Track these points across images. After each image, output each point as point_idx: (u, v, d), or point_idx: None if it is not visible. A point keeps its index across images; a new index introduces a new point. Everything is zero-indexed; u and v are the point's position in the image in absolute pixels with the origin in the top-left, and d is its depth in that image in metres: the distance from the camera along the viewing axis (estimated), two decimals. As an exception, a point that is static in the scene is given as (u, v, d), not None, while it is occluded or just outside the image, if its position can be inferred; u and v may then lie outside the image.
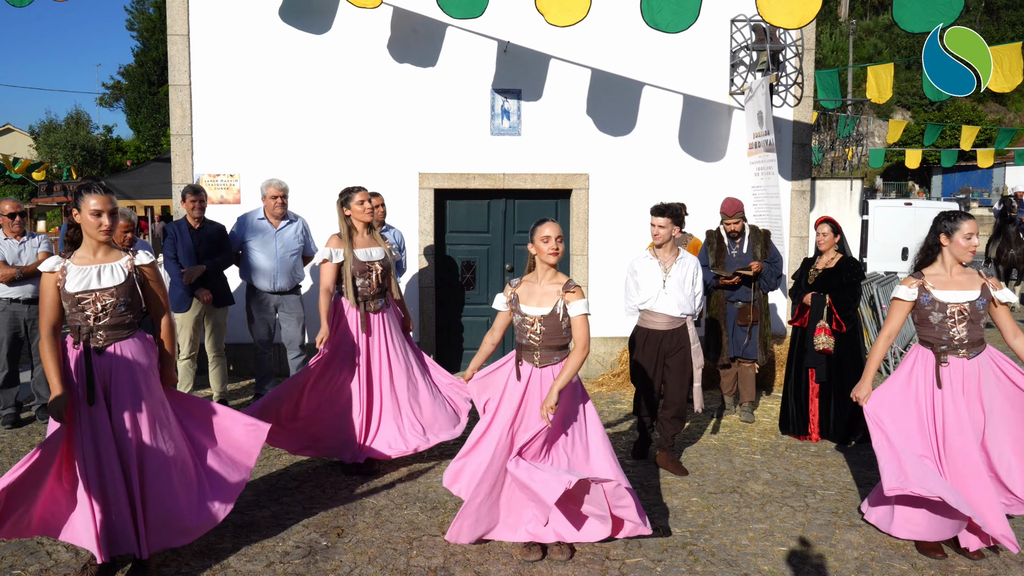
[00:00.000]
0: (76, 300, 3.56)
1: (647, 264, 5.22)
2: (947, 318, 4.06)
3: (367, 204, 5.07)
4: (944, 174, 36.56)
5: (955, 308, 4.04)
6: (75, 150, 32.36)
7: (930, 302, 4.09)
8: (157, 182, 14.57)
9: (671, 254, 5.21)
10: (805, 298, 6.00)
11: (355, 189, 5.10)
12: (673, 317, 5.16)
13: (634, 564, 3.97)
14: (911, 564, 4.00)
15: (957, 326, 4.05)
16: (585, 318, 3.95)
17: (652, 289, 5.16)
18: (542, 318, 3.96)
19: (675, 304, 5.13)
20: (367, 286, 5.05)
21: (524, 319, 4.02)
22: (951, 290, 4.07)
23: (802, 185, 8.11)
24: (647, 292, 5.18)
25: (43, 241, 6.25)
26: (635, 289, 5.28)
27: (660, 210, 5.16)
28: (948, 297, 4.06)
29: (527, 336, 4.02)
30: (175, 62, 7.59)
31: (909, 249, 12.64)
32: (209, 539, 4.14)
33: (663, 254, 5.22)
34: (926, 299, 4.10)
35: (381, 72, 7.71)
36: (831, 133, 16.44)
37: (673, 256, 5.21)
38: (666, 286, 5.13)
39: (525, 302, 4.03)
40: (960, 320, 4.05)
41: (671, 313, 5.14)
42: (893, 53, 36.13)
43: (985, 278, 4.12)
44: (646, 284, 5.19)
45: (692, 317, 5.24)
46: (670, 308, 5.14)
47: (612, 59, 7.81)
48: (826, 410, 5.98)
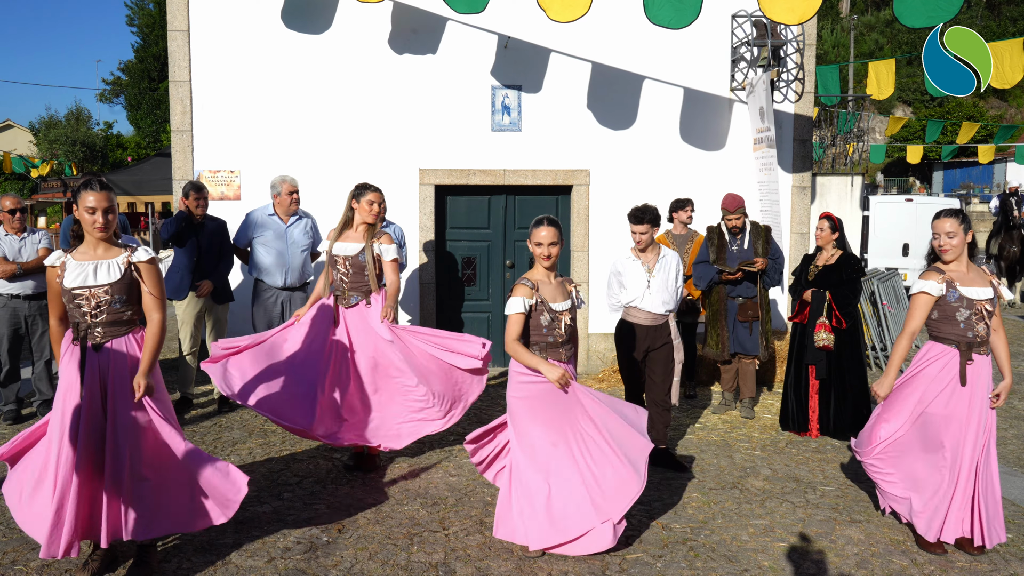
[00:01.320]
0: (72, 296, 3.57)
1: (631, 265, 5.30)
2: (974, 314, 4.02)
3: (374, 207, 5.02)
4: (945, 170, 36.53)
5: (980, 305, 4.02)
6: (75, 146, 32.35)
7: (957, 298, 4.02)
8: (158, 178, 14.55)
9: (653, 254, 5.29)
10: (805, 295, 6.00)
11: (371, 189, 5.03)
12: (657, 314, 5.26)
13: (634, 560, 3.98)
14: (911, 560, 4.01)
15: (981, 323, 4.03)
16: None
17: (637, 289, 5.25)
18: (568, 311, 4.09)
19: (660, 302, 5.23)
20: (337, 279, 5.07)
21: (556, 316, 4.04)
22: (975, 287, 4.04)
23: (802, 180, 8.11)
24: (633, 292, 5.27)
25: (44, 237, 6.25)
26: (619, 289, 5.37)
27: (639, 217, 5.13)
28: (974, 294, 4.02)
29: (554, 333, 4.04)
30: (175, 58, 7.58)
31: (910, 245, 12.64)
32: (210, 535, 4.15)
33: (646, 255, 5.29)
34: (953, 295, 4.03)
35: (382, 68, 7.70)
36: (832, 129, 16.42)
37: (655, 256, 5.28)
38: (651, 286, 5.23)
39: (552, 301, 4.04)
40: (981, 317, 4.03)
41: (656, 311, 5.24)
42: (894, 49, 36.08)
43: (990, 275, 4.12)
44: (631, 284, 5.27)
45: (673, 312, 5.34)
46: (655, 306, 5.23)
47: (613, 55, 7.80)
48: (826, 407, 5.99)
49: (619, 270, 5.36)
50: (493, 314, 8.22)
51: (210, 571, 3.80)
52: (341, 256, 5.02)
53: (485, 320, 8.22)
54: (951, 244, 4.01)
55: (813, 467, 5.40)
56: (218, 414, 6.43)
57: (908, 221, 12.75)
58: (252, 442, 5.77)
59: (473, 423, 6.27)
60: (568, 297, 4.13)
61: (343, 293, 5.04)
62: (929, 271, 4.12)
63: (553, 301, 4.05)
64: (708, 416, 6.61)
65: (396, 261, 5.07)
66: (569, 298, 4.13)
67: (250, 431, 6.02)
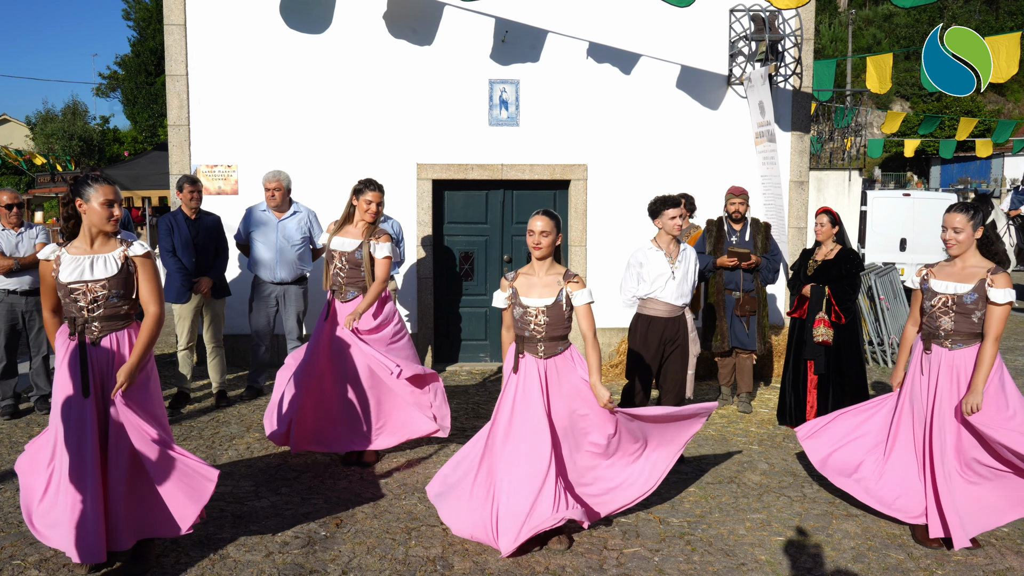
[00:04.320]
0: (69, 290, 3.55)
1: (654, 256, 5.27)
2: (938, 308, 4.11)
3: (371, 207, 5.01)
4: (943, 165, 36.51)
5: (941, 299, 4.09)
6: (72, 141, 32.26)
7: (926, 290, 4.19)
8: (154, 173, 14.50)
9: (676, 246, 5.30)
10: (804, 289, 6.00)
11: (372, 188, 5.02)
12: (675, 306, 5.25)
13: (632, 554, 3.99)
14: (907, 553, 4.02)
15: (945, 316, 4.08)
16: (589, 308, 4.01)
17: (660, 279, 5.23)
18: (545, 309, 3.99)
19: (679, 294, 5.25)
20: (332, 275, 5.07)
21: (526, 311, 4.01)
22: (950, 281, 4.08)
23: (800, 175, 8.10)
24: (653, 283, 5.24)
25: (40, 232, 6.24)
26: (635, 282, 5.32)
27: (675, 201, 5.24)
28: (940, 287, 4.11)
29: (530, 328, 4.02)
30: (172, 52, 7.55)
31: (907, 240, 12.65)
32: (208, 529, 4.16)
33: (669, 246, 5.28)
34: (924, 287, 4.21)
35: (379, 62, 7.69)
36: (830, 124, 16.41)
37: (678, 247, 5.30)
38: (675, 276, 5.23)
39: (525, 294, 4.03)
40: (947, 311, 4.07)
41: (675, 303, 5.24)
42: (892, 43, 36.02)
43: (991, 275, 3.98)
44: (652, 275, 5.24)
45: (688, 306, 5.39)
46: (675, 298, 5.24)
47: (611, 49, 7.78)
48: (824, 401, 5.99)
49: (640, 260, 5.30)
50: (491, 309, 8.21)
51: (208, 565, 3.80)
52: (338, 251, 5.03)
53: (483, 315, 8.22)
54: (956, 239, 4.06)
55: (810, 462, 5.41)
56: (215, 409, 6.43)
57: (906, 216, 12.75)
58: (250, 437, 5.77)
59: (471, 417, 6.28)
60: (554, 295, 3.99)
61: (340, 288, 5.05)
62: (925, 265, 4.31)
63: (527, 295, 4.01)
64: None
65: (388, 259, 5.03)
66: (555, 296, 3.99)
67: (248, 426, 6.02)
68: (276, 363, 7.42)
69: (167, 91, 7.60)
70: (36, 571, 3.73)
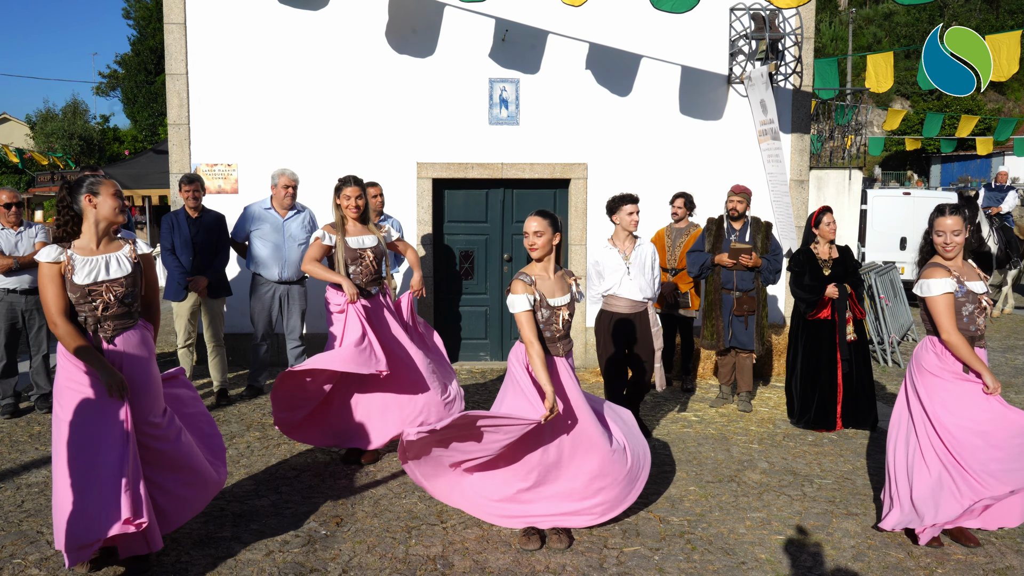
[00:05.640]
0: (86, 292, 3.51)
1: (608, 254, 5.57)
2: (976, 308, 3.98)
3: (353, 201, 4.99)
4: (943, 163, 36.49)
5: (981, 298, 3.99)
6: (72, 140, 32.25)
7: (964, 293, 3.97)
8: (155, 172, 14.50)
9: (629, 242, 5.55)
10: (831, 291, 5.90)
11: (347, 182, 5.03)
12: (636, 301, 5.49)
13: (632, 552, 3.99)
14: (907, 552, 4.03)
15: (981, 316, 4.01)
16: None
17: (616, 276, 5.50)
18: (566, 306, 4.06)
19: (637, 288, 5.48)
20: (360, 273, 5.05)
21: (553, 312, 4.00)
22: (973, 281, 4.00)
23: (800, 174, 8.10)
24: (611, 279, 5.51)
25: (40, 231, 6.24)
26: (597, 280, 5.62)
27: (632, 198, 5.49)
28: (976, 288, 3.98)
29: (551, 328, 4.01)
30: (172, 51, 7.55)
31: (908, 239, 12.64)
32: (208, 528, 4.16)
33: (622, 243, 5.54)
34: (961, 290, 3.97)
35: (379, 61, 7.68)
36: (830, 122, 16.38)
37: (631, 244, 5.55)
38: (630, 272, 5.47)
39: (550, 296, 4.01)
40: (982, 311, 4.01)
41: (634, 297, 5.48)
42: (892, 42, 36.00)
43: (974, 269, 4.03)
44: (609, 272, 5.52)
45: (652, 300, 5.57)
46: (633, 293, 5.48)
47: (611, 48, 7.78)
48: (849, 399, 6.02)
49: (597, 259, 5.64)
50: (491, 307, 8.22)
51: (208, 564, 3.80)
52: (363, 248, 5.07)
53: (483, 314, 8.22)
54: (956, 242, 3.96)
55: (810, 460, 5.42)
56: (216, 408, 6.43)
57: (906, 214, 12.74)
58: (250, 436, 5.77)
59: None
60: (567, 291, 4.08)
61: (367, 284, 5.08)
62: (936, 269, 4.00)
63: (551, 296, 4.01)
64: (705, 410, 6.62)
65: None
66: (568, 292, 4.08)
67: (248, 425, 6.02)
68: (276, 362, 7.46)
69: (167, 90, 7.59)
70: (36, 570, 3.73)
